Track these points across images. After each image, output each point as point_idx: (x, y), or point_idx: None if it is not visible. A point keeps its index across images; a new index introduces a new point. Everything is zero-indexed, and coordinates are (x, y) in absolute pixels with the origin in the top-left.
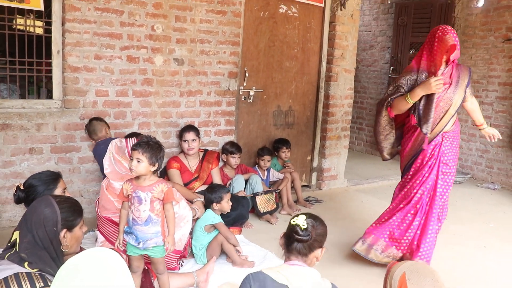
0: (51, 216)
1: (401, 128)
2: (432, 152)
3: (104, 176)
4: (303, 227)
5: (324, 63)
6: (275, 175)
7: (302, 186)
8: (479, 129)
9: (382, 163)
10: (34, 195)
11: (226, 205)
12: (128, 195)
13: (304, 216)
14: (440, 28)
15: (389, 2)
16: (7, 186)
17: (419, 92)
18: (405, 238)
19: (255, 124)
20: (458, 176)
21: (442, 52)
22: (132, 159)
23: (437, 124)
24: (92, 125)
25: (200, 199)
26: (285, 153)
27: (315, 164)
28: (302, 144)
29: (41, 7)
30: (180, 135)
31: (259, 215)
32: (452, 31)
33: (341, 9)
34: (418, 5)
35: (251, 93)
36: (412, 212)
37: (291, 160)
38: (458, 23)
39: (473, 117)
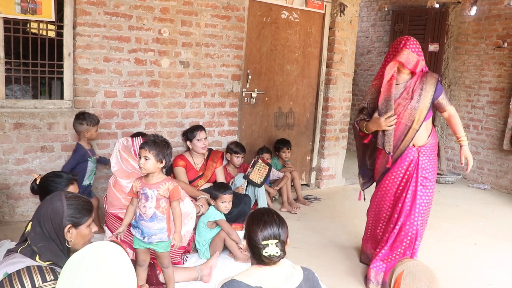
0: (58, 210)
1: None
2: (409, 169)
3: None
4: (277, 255)
5: (323, 67)
6: (275, 174)
7: (302, 184)
8: (458, 142)
9: None
10: (47, 190)
11: (221, 205)
12: (137, 192)
13: (272, 242)
14: (403, 40)
15: (386, 9)
16: (20, 182)
17: (371, 128)
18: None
19: (257, 125)
20: (450, 176)
21: (394, 65)
22: (140, 158)
23: (402, 141)
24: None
25: (204, 196)
26: (285, 154)
27: (314, 163)
28: (302, 144)
29: (52, 18)
30: (191, 134)
31: (259, 186)
32: (413, 44)
33: (340, 16)
34: (413, 12)
35: (254, 95)
36: (383, 225)
37: (291, 159)
38: (451, 31)
39: (451, 127)
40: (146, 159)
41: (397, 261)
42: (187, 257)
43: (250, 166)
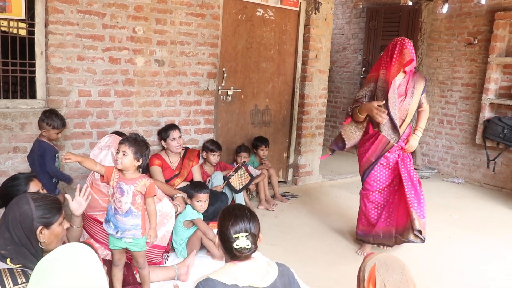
0: (26, 213)
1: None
2: (397, 155)
3: None
4: (248, 247)
5: (299, 64)
6: (252, 171)
7: (279, 181)
8: (413, 131)
9: (355, 160)
10: (10, 196)
11: (196, 204)
12: (113, 185)
13: (243, 235)
14: (399, 42)
15: (361, 7)
16: None
17: (363, 112)
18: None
19: (233, 123)
20: (425, 171)
21: (401, 65)
22: (118, 152)
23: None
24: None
25: (181, 194)
26: (263, 151)
27: (291, 160)
28: (279, 141)
29: (22, 16)
30: (165, 133)
31: (237, 192)
32: (409, 44)
33: (315, 13)
34: (388, 10)
35: (229, 92)
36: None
37: (268, 157)
38: (424, 28)
39: (418, 118)
40: (124, 155)
41: (368, 255)
42: (168, 256)
43: (233, 170)
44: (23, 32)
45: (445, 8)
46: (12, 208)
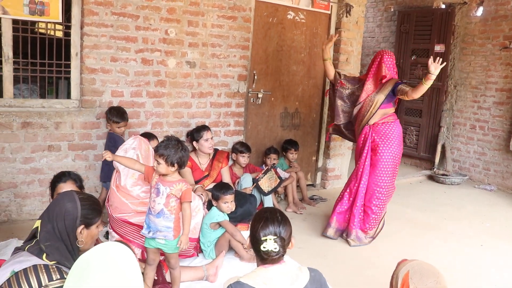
0: (72, 210)
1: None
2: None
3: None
4: (275, 250)
5: None
6: (281, 174)
7: (307, 185)
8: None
9: None
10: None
11: (223, 205)
12: (152, 184)
13: (271, 238)
14: (379, 56)
15: (392, 10)
16: (27, 181)
17: (325, 56)
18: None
19: (263, 125)
20: (456, 177)
21: (376, 79)
22: (154, 160)
23: (363, 120)
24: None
25: (199, 185)
26: (292, 155)
27: (320, 164)
28: (308, 144)
29: (59, 19)
30: (198, 134)
31: (265, 195)
32: (388, 58)
33: (346, 16)
34: (419, 13)
35: (260, 95)
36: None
37: (297, 160)
38: (457, 31)
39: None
40: (158, 163)
41: (402, 261)
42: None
43: (262, 172)
44: (59, 34)
45: (479, 11)
46: (58, 203)
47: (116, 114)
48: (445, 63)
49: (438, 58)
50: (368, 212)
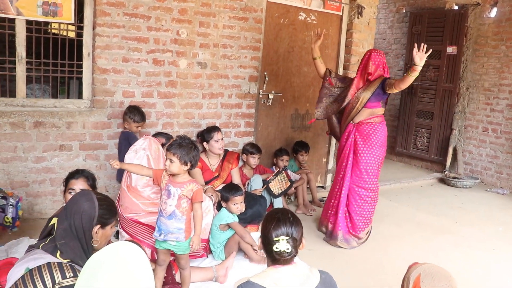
0: (89, 210)
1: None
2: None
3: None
4: (288, 251)
5: (341, 69)
6: (292, 176)
7: (317, 187)
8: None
9: (394, 167)
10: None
11: (232, 206)
12: (163, 186)
13: (284, 238)
14: (367, 54)
15: (404, 11)
16: (39, 180)
17: (314, 54)
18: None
19: (273, 126)
20: (467, 180)
21: (363, 76)
22: (166, 159)
23: (348, 117)
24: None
25: (209, 186)
26: (303, 157)
27: (330, 166)
28: (318, 146)
29: (72, 20)
30: (208, 135)
31: (275, 197)
32: (377, 56)
33: (358, 17)
34: (432, 14)
35: (270, 96)
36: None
37: (307, 161)
38: (470, 33)
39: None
40: (171, 162)
41: (413, 265)
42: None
43: (273, 174)
44: (72, 34)
45: (493, 12)
46: (76, 201)
47: (137, 113)
48: (430, 50)
49: (422, 45)
50: (352, 214)
